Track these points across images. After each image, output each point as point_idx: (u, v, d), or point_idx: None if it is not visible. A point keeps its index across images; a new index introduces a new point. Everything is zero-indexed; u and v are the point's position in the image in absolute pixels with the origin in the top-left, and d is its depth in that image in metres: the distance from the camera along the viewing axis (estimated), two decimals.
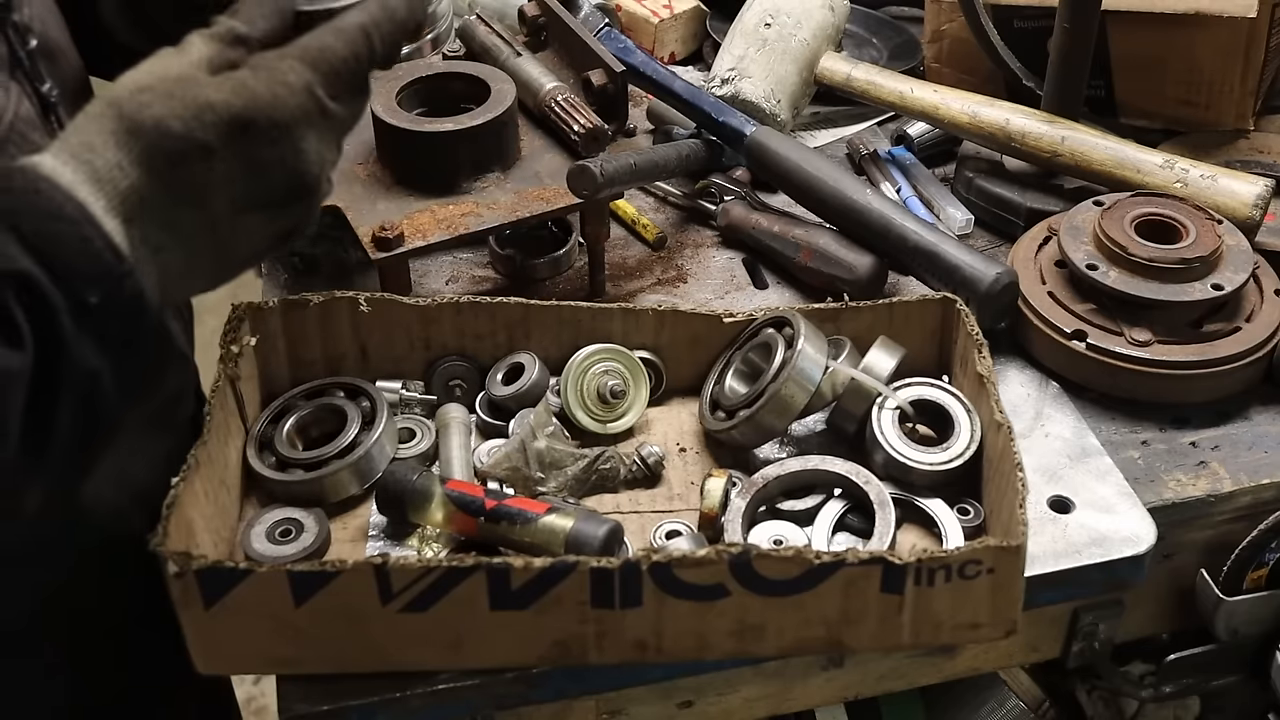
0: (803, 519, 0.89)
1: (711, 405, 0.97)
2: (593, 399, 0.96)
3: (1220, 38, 1.17)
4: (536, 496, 0.90)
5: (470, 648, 0.80)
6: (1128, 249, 1.01)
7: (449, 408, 0.97)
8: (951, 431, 0.92)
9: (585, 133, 1.07)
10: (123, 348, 0.59)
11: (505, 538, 0.85)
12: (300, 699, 0.80)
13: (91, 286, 0.57)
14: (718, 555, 0.76)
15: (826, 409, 0.96)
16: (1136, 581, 0.90)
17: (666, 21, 1.45)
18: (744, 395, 0.94)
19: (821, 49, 1.30)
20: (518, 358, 0.98)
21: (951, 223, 1.20)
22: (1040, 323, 1.02)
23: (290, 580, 0.76)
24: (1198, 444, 0.98)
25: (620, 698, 0.89)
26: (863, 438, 0.93)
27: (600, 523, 0.83)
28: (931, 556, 0.77)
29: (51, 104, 0.73)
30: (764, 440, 0.94)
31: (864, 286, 1.07)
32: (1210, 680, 1.07)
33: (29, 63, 0.71)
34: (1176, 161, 1.11)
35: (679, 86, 1.23)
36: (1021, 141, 1.15)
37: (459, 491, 0.86)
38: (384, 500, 0.88)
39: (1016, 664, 1.06)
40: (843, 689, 0.96)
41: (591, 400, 0.96)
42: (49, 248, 0.56)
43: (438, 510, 0.86)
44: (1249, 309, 1.03)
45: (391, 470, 0.88)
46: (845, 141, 1.34)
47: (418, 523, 0.88)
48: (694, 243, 1.21)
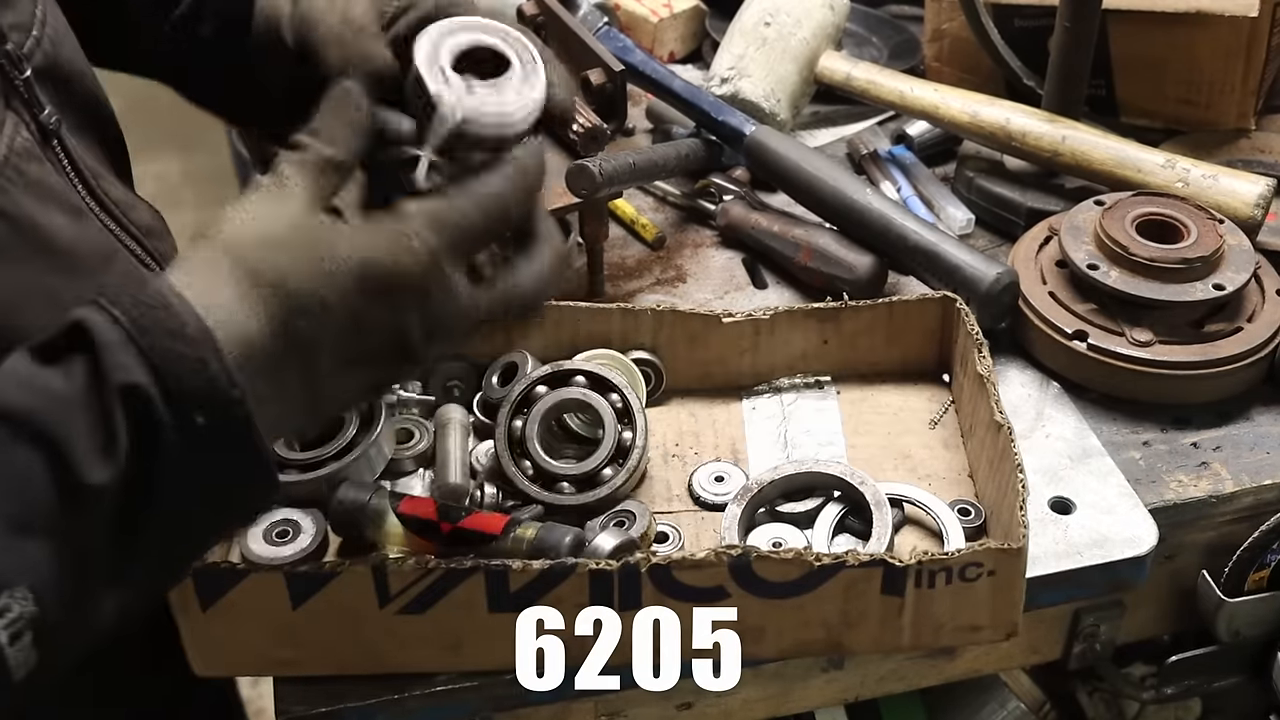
0: (802, 521, 0.89)
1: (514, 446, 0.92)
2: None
3: (1221, 37, 1.17)
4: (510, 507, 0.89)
5: (469, 649, 0.79)
6: (1129, 249, 1.00)
7: (448, 408, 0.96)
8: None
9: (584, 132, 1.06)
10: (223, 471, 0.59)
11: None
12: (298, 700, 0.80)
13: (201, 409, 0.56)
14: (717, 557, 0.76)
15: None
16: (1138, 583, 0.89)
17: (666, 20, 1.44)
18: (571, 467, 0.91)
19: (821, 48, 1.30)
20: (512, 357, 0.97)
21: (952, 222, 1.19)
22: (1041, 323, 1.02)
23: (288, 581, 0.76)
24: (1199, 445, 0.98)
25: (619, 699, 0.88)
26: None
27: (564, 532, 0.82)
28: (932, 559, 0.77)
29: (51, 131, 0.72)
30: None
31: (864, 286, 1.07)
32: (1212, 682, 1.07)
33: (25, 92, 0.71)
34: (1178, 161, 1.10)
35: (678, 86, 1.23)
36: (1022, 141, 1.15)
37: (414, 516, 0.83)
38: (337, 526, 0.85)
39: (1017, 665, 1.05)
40: (843, 691, 0.96)
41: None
42: (166, 364, 0.56)
43: (393, 534, 0.84)
44: (1250, 309, 1.02)
45: (340, 498, 0.85)
46: (845, 141, 1.33)
47: (376, 543, 0.85)
48: (693, 242, 1.20)
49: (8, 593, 0.52)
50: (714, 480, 0.94)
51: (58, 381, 0.55)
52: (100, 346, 0.55)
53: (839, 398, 1.01)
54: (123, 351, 0.55)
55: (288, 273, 0.60)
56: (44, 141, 0.71)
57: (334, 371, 0.63)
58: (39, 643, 0.54)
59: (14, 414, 0.54)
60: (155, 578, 0.63)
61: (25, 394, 0.55)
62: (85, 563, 0.55)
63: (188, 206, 2.80)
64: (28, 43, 0.72)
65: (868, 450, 0.96)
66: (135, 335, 0.56)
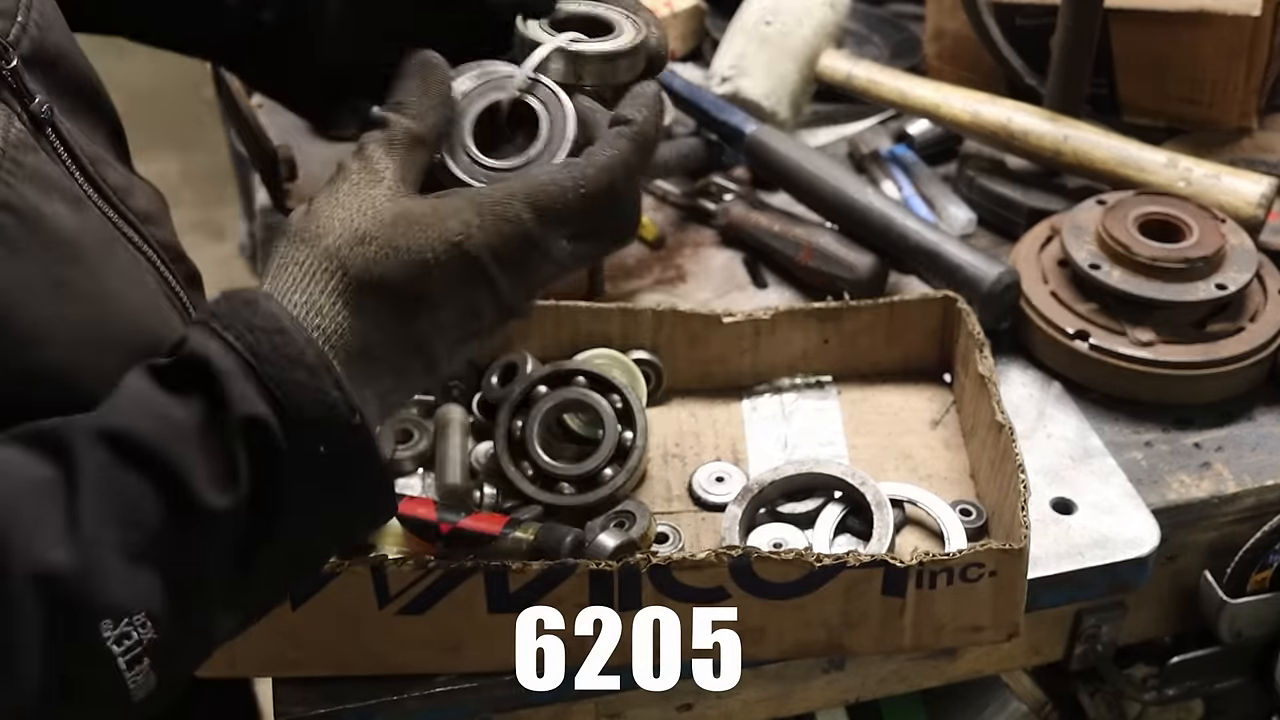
0: (803, 522, 0.89)
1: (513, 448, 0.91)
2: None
3: (1224, 36, 1.17)
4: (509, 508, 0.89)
5: (468, 650, 0.79)
6: (1131, 248, 1.00)
7: (448, 408, 0.96)
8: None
9: None
10: (343, 495, 0.59)
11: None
12: (297, 701, 0.80)
13: (323, 438, 0.56)
14: (717, 558, 0.76)
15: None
16: (1139, 583, 0.89)
17: (666, 19, 1.44)
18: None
19: (822, 46, 1.29)
20: (512, 357, 0.97)
21: (953, 222, 1.19)
22: (1043, 322, 1.02)
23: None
24: (1201, 445, 0.97)
25: (619, 700, 0.88)
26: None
27: (564, 532, 0.82)
28: (933, 559, 0.77)
29: (44, 119, 0.71)
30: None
31: (865, 286, 1.07)
32: (1214, 683, 1.06)
33: (14, 81, 0.70)
34: (1180, 160, 1.10)
35: (678, 84, 1.22)
36: (1024, 140, 1.15)
37: (413, 516, 0.83)
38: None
39: (1018, 666, 1.05)
40: (843, 692, 0.96)
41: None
42: (286, 394, 0.55)
43: (392, 534, 0.84)
44: (1253, 309, 1.02)
45: None
46: (846, 140, 1.33)
47: (375, 543, 0.85)
48: (694, 242, 1.20)
49: (126, 620, 0.53)
50: (714, 481, 0.93)
51: (178, 410, 0.55)
52: (219, 375, 0.55)
53: (840, 398, 1.00)
54: (243, 382, 0.55)
55: (391, 274, 0.59)
56: (37, 131, 0.70)
57: (449, 352, 0.64)
58: (156, 666, 0.54)
59: (133, 438, 0.54)
60: (270, 598, 0.63)
61: (146, 420, 0.55)
62: (203, 589, 0.56)
63: (187, 206, 2.79)
64: (13, 30, 0.71)
65: (869, 450, 0.96)
66: (254, 364, 0.55)
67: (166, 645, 0.54)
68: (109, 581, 0.52)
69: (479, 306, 0.63)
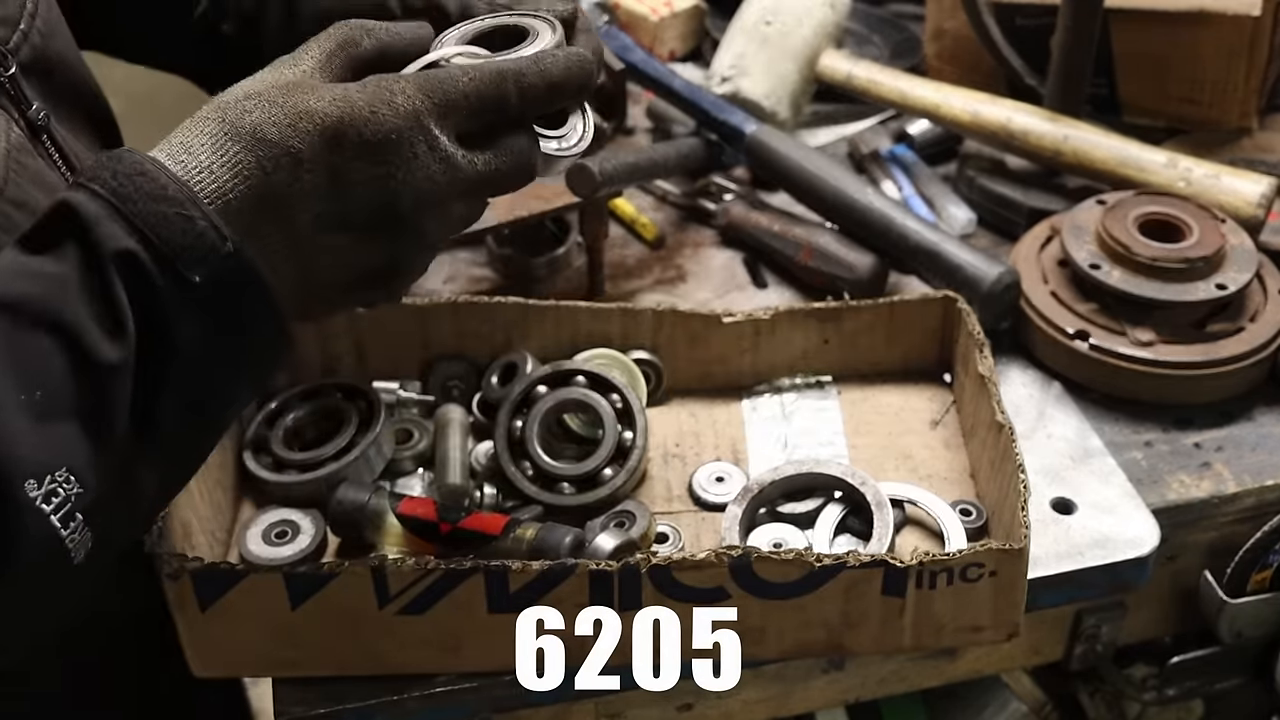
0: (803, 522, 0.89)
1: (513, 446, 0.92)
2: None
3: (1224, 36, 1.17)
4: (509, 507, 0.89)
5: (468, 650, 0.79)
6: (1131, 248, 1.00)
7: (447, 408, 0.96)
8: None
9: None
10: (231, 326, 0.59)
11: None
12: (297, 702, 0.80)
13: (195, 265, 0.56)
14: (718, 558, 0.76)
15: None
16: (1139, 583, 0.89)
17: (666, 19, 1.44)
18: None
19: (822, 46, 1.29)
20: (512, 357, 0.97)
21: (954, 222, 1.19)
22: (1043, 322, 1.02)
23: (287, 582, 0.76)
24: (1201, 445, 0.97)
25: (619, 700, 0.88)
26: None
27: (564, 532, 0.82)
28: (933, 559, 0.77)
29: (40, 126, 0.72)
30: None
31: (865, 286, 1.07)
32: (1214, 683, 1.06)
33: (12, 89, 0.70)
34: (1180, 160, 1.10)
35: (678, 84, 1.22)
36: (1024, 140, 1.15)
37: (413, 516, 0.84)
38: (336, 526, 0.85)
39: (1018, 666, 1.05)
40: (844, 692, 0.96)
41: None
42: (152, 227, 0.56)
43: (392, 534, 0.84)
44: (1253, 309, 1.02)
45: (339, 499, 0.85)
46: (846, 140, 1.33)
47: (376, 543, 0.85)
48: (694, 242, 1.20)
49: (49, 478, 0.53)
50: (714, 481, 0.93)
51: (51, 265, 0.55)
52: (86, 222, 0.55)
53: (840, 398, 1.00)
54: (108, 222, 0.55)
55: (262, 124, 0.59)
56: (34, 137, 0.71)
57: (314, 233, 0.62)
58: (91, 523, 0.54)
59: (14, 302, 0.54)
60: (189, 446, 0.62)
61: (22, 282, 0.55)
62: (117, 437, 0.55)
63: None
64: (14, 38, 0.71)
65: (869, 450, 0.96)
66: (119, 204, 0.56)
67: (97, 501, 0.54)
68: (21, 443, 0.52)
69: (349, 180, 0.61)
